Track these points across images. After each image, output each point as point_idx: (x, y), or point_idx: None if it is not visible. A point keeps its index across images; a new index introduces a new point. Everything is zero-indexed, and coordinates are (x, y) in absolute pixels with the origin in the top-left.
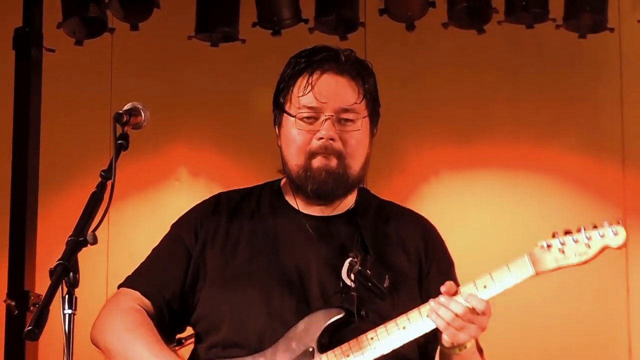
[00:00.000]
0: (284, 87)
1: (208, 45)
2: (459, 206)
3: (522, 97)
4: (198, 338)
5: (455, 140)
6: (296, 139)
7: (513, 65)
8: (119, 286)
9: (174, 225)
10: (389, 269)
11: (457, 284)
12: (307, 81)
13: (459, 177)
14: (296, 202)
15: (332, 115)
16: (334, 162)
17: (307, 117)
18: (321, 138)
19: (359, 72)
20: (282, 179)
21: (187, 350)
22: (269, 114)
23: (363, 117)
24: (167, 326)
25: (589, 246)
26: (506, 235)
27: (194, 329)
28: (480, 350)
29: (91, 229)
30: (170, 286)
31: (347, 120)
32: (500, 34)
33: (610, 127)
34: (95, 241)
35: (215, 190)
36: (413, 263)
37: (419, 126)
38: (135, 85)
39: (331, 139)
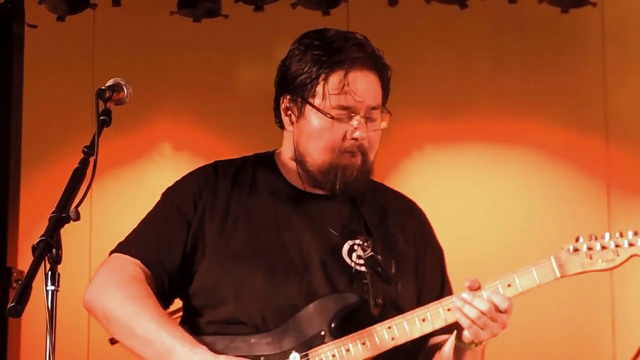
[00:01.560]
0: (309, 80)
1: (191, 20)
2: (443, 180)
3: (505, 72)
4: (194, 312)
5: (438, 115)
6: (326, 136)
7: (495, 40)
8: (112, 252)
9: (170, 192)
10: (393, 255)
11: (447, 276)
12: (344, 79)
13: (442, 151)
14: (294, 180)
15: (365, 116)
16: (359, 160)
17: (342, 116)
18: (355, 139)
19: (383, 66)
20: (273, 151)
21: None
22: (252, 89)
23: (382, 112)
24: (163, 298)
25: (617, 253)
26: (490, 209)
27: (188, 301)
28: None
29: (74, 205)
30: (171, 256)
31: (374, 118)
32: (483, 9)
33: (593, 101)
34: (78, 217)
35: (199, 165)
36: (411, 248)
37: (401, 100)
38: (117, 61)
39: (363, 139)
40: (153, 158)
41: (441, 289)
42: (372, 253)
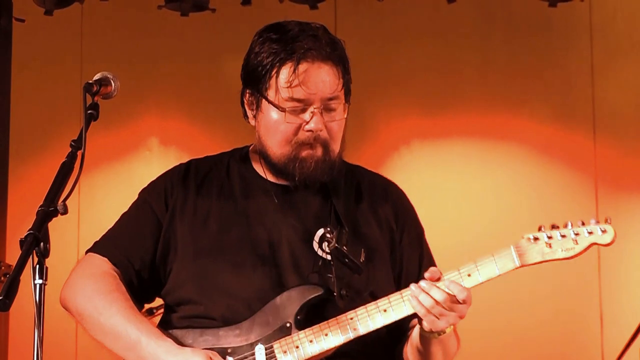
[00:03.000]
0: (264, 73)
1: (178, 14)
2: (430, 176)
3: (493, 66)
4: (170, 308)
5: (425, 110)
6: (282, 130)
7: (483, 34)
8: (87, 251)
9: (143, 192)
10: (363, 242)
11: (428, 252)
12: (293, 72)
13: (429, 146)
14: (265, 173)
15: (319, 107)
16: (320, 151)
17: (295, 109)
18: (310, 130)
19: (339, 56)
20: (249, 146)
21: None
22: (239, 83)
23: (342, 102)
24: (136, 295)
25: (576, 242)
26: (477, 204)
27: (164, 300)
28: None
29: (62, 198)
30: (140, 256)
31: (331, 108)
32: (471, 3)
33: (581, 95)
34: (65, 211)
35: (186, 159)
36: (385, 232)
37: (388, 96)
38: (105, 55)
39: (319, 131)
40: (141, 152)
41: (419, 267)
42: (336, 245)
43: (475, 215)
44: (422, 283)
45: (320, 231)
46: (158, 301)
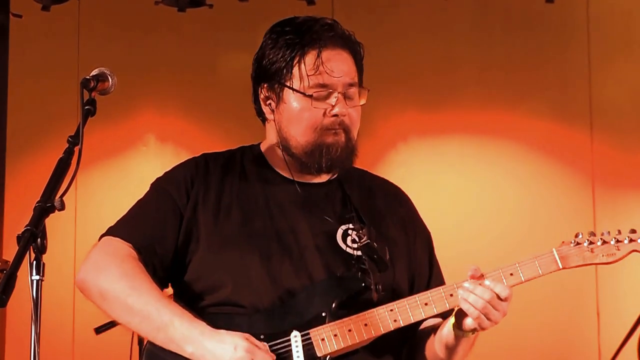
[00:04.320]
0: (285, 64)
1: (175, 10)
2: (427, 172)
3: (490, 62)
4: (191, 299)
5: (423, 106)
6: (307, 116)
7: (481, 30)
8: (102, 235)
9: (161, 181)
10: (386, 240)
11: (436, 256)
12: (317, 58)
13: (426, 142)
14: (282, 169)
15: (342, 92)
16: (343, 137)
17: (320, 95)
18: (335, 115)
19: (354, 44)
20: (259, 144)
21: None
22: (236, 78)
23: (360, 89)
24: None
25: (618, 248)
26: (474, 200)
27: (184, 289)
28: None
29: (59, 194)
30: (163, 242)
31: (352, 95)
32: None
33: (578, 92)
34: (62, 207)
35: (183, 156)
36: (401, 232)
37: (386, 92)
38: (102, 51)
39: (343, 116)
40: (138, 148)
41: (429, 272)
42: (368, 240)
43: (473, 211)
44: (467, 284)
45: (344, 227)
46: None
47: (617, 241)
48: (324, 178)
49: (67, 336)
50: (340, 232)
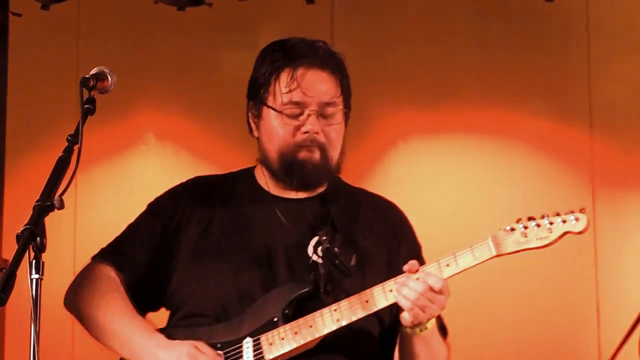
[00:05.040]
0: (264, 81)
1: (175, 9)
2: (428, 171)
3: (489, 62)
4: (173, 311)
5: (422, 105)
6: (281, 132)
7: (480, 30)
8: (93, 257)
9: (152, 205)
10: (356, 249)
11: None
12: (291, 77)
13: (427, 141)
14: (268, 186)
15: (316, 110)
16: (317, 155)
17: (292, 112)
18: (306, 132)
19: (337, 65)
20: (254, 166)
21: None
22: (236, 77)
23: (341, 109)
24: (140, 303)
25: (550, 230)
26: (474, 199)
27: (167, 308)
28: (443, 330)
29: (58, 193)
30: (144, 266)
31: (328, 114)
32: None
33: (578, 91)
34: (62, 205)
35: (183, 154)
36: (381, 247)
37: (385, 91)
38: (102, 49)
39: (315, 133)
40: (137, 147)
41: None
42: (328, 245)
43: (472, 210)
44: (401, 276)
45: (316, 237)
46: None
47: (550, 223)
48: (308, 193)
49: (67, 335)
50: (312, 243)
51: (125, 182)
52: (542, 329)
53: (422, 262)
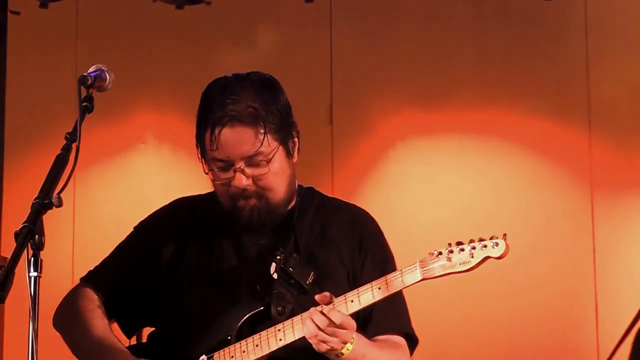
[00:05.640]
0: (197, 134)
1: (173, 7)
2: (426, 170)
3: (488, 60)
4: (150, 336)
5: (420, 104)
6: (215, 184)
7: (479, 29)
8: (81, 279)
9: (136, 228)
10: (315, 267)
11: (394, 273)
12: (211, 138)
13: (425, 142)
14: None
15: (241, 165)
16: (253, 201)
17: (220, 168)
18: (235, 187)
19: (260, 112)
20: None
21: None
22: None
23: (273, 152)
24: (122, 325)
25: (472, 255)
26: (472, 199)
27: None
28: (411, 340)
29: (56, 191)
30: (125, 288)
31: (257, 162)
32: None
33: (576, 89)
34: (60, 203)
35: (181, 153)
36: (344, 260)
37: (384, 90)
38: (100, 48)
39: (244, 188)
40: (136, 146)
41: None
42: (282, 265)
43: (470, 209)
44: (311, 309)
45: (279, 256)
46: None
47: (472, 248)
48: None
49: None
50: (274, 263)
51: (124, 180)
52: (541, 328)
53: (386, 271)
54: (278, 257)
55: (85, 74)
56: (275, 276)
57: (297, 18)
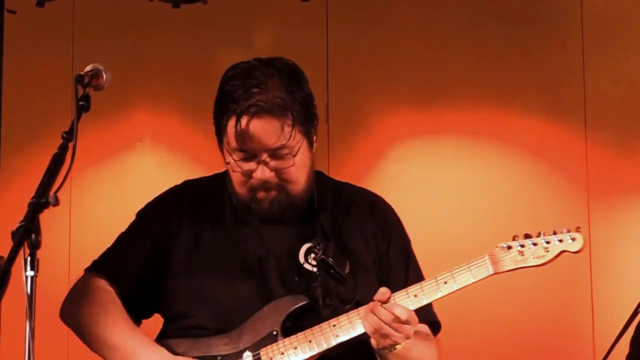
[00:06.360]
0: (218, 121)
1: (170, 6)
2: (423, 169)
3: (484, 61)
4: (167, 322)
5: (418, 105)
6: (235, 175)
7: (475, 29)
8: (86, 269)
9: (140, 213)
10: (348, 255)
11: (415, 261)
12: (235, 127)
13: (423, 141)
14: None
15: (266, 158)
16: (273, 193)
17: (243, 157)
18: (257, 179)
19: (286, 104)
20: None
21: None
22: None
23: (298, 145)
24: (133, 312)
25: (547, 250)
26: (470, 199)
27: (162, 315)
28: (435, 326)
29: (53, 190)
30: (136, 274)
31: (281, 155)
32: None
33: (572, 88)
34: (57, 202)
35: (178, 152)
36: (370, 247)
37: (381, 90)
38: (96, 47)
39: (266, 181)
40: (132, 144)
41: (405, 277)
42: (322, 256)
43: (468, 208)
44: (371, 304)
45: (307, 245)
46: None
47: (547, 242)
48: None
49: (62, 332)
50: (303, 250)
51: (120, 179)
52: (537, 330)
53: (409, 259)
54: (316, 246)
55: (82, 73)
56: (308, 266)
57: (294, 17)
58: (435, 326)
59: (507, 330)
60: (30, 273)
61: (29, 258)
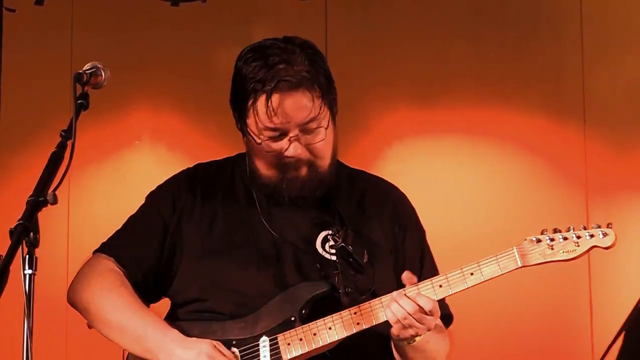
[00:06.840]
0: (243, 102)
1: (169, 4)
2: (422, 168)
3: (483, 59)
4: (176, 307)
5: (416, 103)
6: (264, 155)
7: (474, 27)
8: (94, 251)
9: (151, 196)
10: (365, 244)
11: (429, 252)
12: (266, 104)
13: (421, 140)
14: None
15: (297, 133)
16: (304, 171)
17: (274, 136)
18: (290, 157)
19: (314, 76)
20: None
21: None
22: (230, 73)
23: (327, 117)
24: (142, 295)
25: (577, 244)
26: (469, 197)
27: (173, 299)
28: (447, 318)
29: (51, 188)
30: (147, 257)
31: (312, 129)
32: None
33: (572, 87)
34: (55, 201)
35: (177, 150)
36: (387, 235)
37: (380, 88)
38: (95, 45)
39: (299, 157)
40: (131, 143)
41: (421, 267)
42: (342, 244)
43: (467, 206)
44: (394, 293)
45: (324, 233)
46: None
47: (578, 237)
48: None
49: (60, 330)
50: (320, 237)
51: (119, 178)
52: (535, 329)
53: (424, 248)
54: (335, 234)
55: (81, 71)
56: (325, 254)
57: (293, 15)
58: (447, 319)
59: (505, 328)
60: (28, 271)
61: (27, 256)
